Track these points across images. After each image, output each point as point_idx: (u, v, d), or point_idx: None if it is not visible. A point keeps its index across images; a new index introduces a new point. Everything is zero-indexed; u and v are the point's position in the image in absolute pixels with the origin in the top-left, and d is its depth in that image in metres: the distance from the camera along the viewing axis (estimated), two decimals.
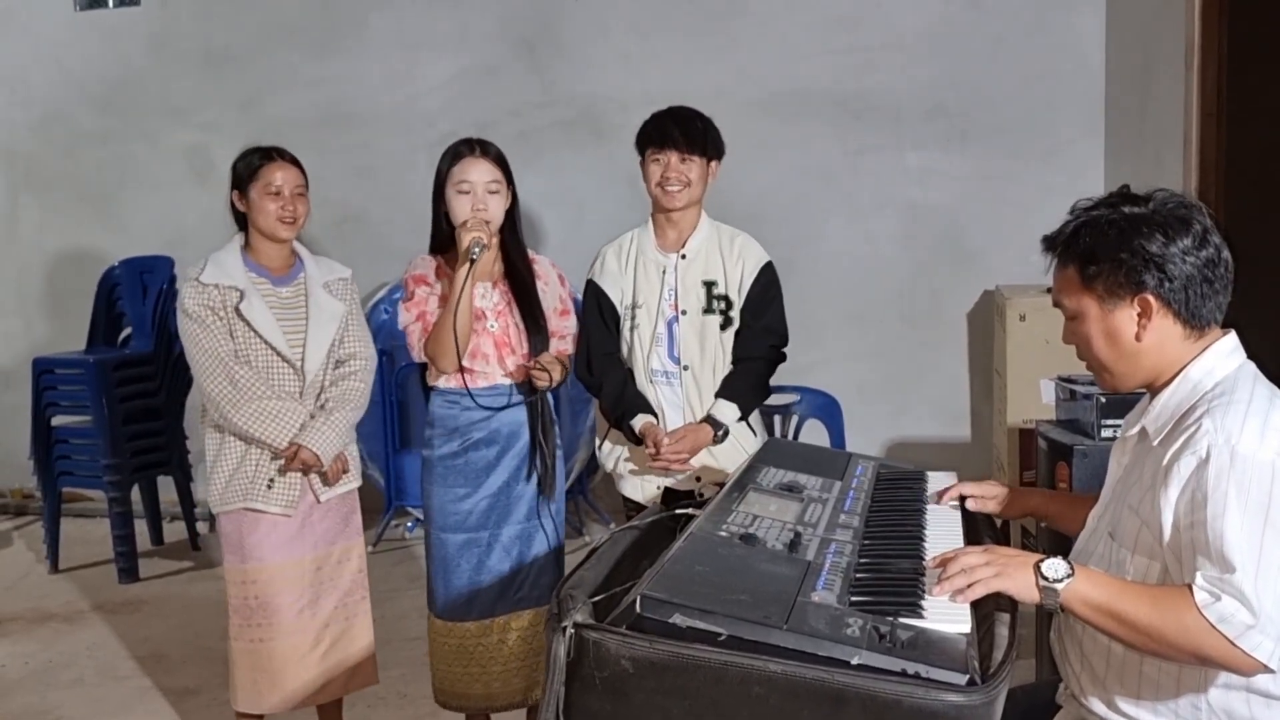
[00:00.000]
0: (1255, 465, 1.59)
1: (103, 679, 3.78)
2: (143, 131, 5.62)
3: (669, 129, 2.81)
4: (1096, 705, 1.77)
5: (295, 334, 2.88)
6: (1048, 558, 1.65)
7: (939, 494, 2.13)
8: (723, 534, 1.78)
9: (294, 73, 5.41)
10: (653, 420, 2.84)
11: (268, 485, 2.84)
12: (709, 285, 2.87)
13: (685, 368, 2.86)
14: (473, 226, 2.71)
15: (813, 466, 2.20)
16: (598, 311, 2.91)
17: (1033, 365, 4.07)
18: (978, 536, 2.05)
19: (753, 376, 2.88)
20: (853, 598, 1.59)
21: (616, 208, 4.53)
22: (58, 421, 4.89)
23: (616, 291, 2.91)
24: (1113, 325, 1.74)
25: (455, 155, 2.81)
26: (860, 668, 1.43)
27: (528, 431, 2.85)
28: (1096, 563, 1.78)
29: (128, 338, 5.04)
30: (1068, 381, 3.11)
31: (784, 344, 2.95)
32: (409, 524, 5.14)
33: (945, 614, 1.56)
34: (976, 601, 1.62)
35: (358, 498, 3.04)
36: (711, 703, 1.46)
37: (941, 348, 4.96)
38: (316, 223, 3.13)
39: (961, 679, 1.41)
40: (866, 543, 1.84)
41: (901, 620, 1.52)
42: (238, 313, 2.81)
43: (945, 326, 4.96)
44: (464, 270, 2.67)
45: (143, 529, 5.01)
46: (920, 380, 4.98)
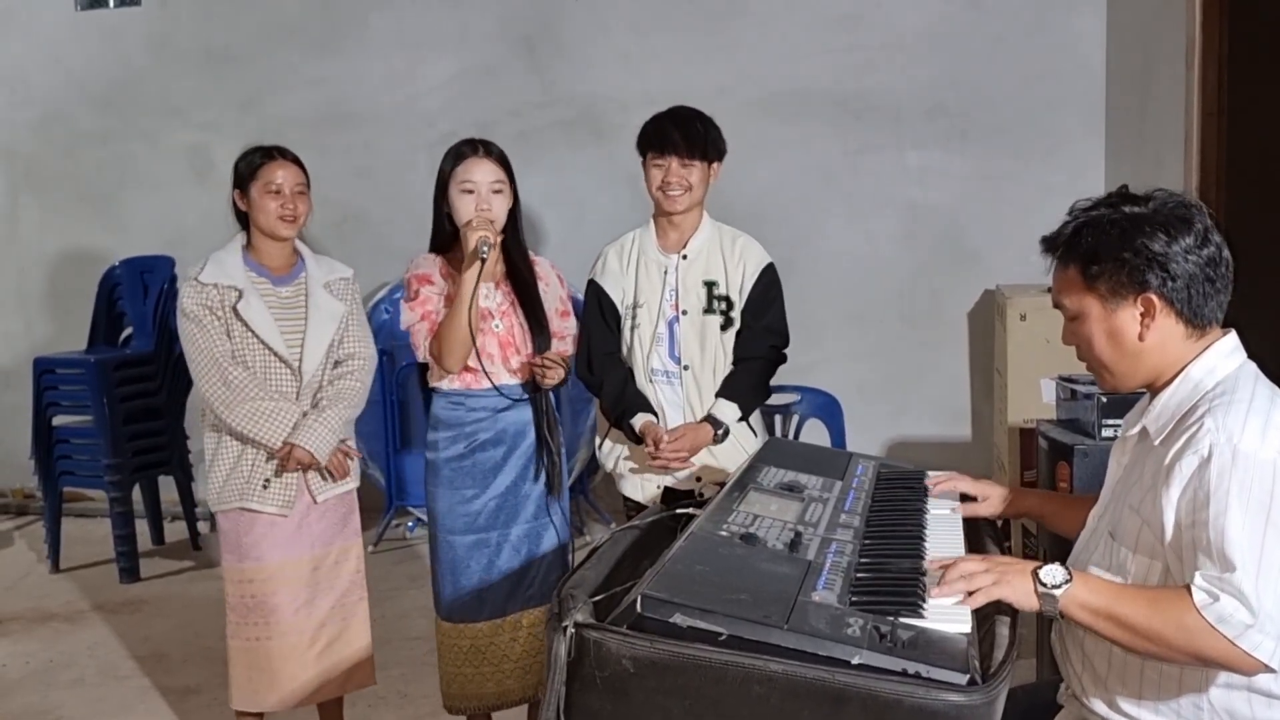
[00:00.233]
0: (1257, 464, 1.59)
1: (103, 679, 3.78)
2: (143, 131, 5.63)
3: (670, 133, 2.80)
4: (1098, 705, 1.77)
5: (293, 334, 2.88)
6: (1046, 564, 1.65)
7: (934, 482, 2.13)
8: (723, 534, 1.78)
9: (294, 72, 5.41)
10: (653, 419, 2.84)
11: (263, 485, 2.84)
12: (710, 285, 2.87)
13: (686, 367, 2.86)
14: (478, 225, 2.70)
15: (813, 466, 2.20)
16: (599, 311, 2.91)
17: (1033, 365, 4.07)
18: (978, 535, 2.06)
19: (753, 377, 2.88)
20: (853, 597, 1.59)
21: (616, 207, 4.54)
22: (59, 421, 4.89)
23: (618, 291, 2.91)
24: (1115, 325, 1.74)
25: (458, 155, 2.81)
26: (861, 667, 1.43)
27: (533, 430, 2.86)
28: (1097, 563, 1.78)
29: (128, 337, 5.04)
30: (1068, 381, 3.11)
31: (785, 344, 2.95)
32: (410, 523, 5.14)
33: (946, 614, 1.57)
34: None
35: (356, 498, 3.04)
36: (712, 702, 1.46)
37: (942, 347, 4.96)
38: (317, 222, 3.13)
39: (962, 679, 1.41)
40: (867, 542, 1.84)
41: (902, 620, 1.52)
42: (235, 312, 2.81)
43: (946, 326, 4.96)
44: (474, 270, 2.67)
45: (144, 529, 5.02)
46: (921, 380, 4.98)
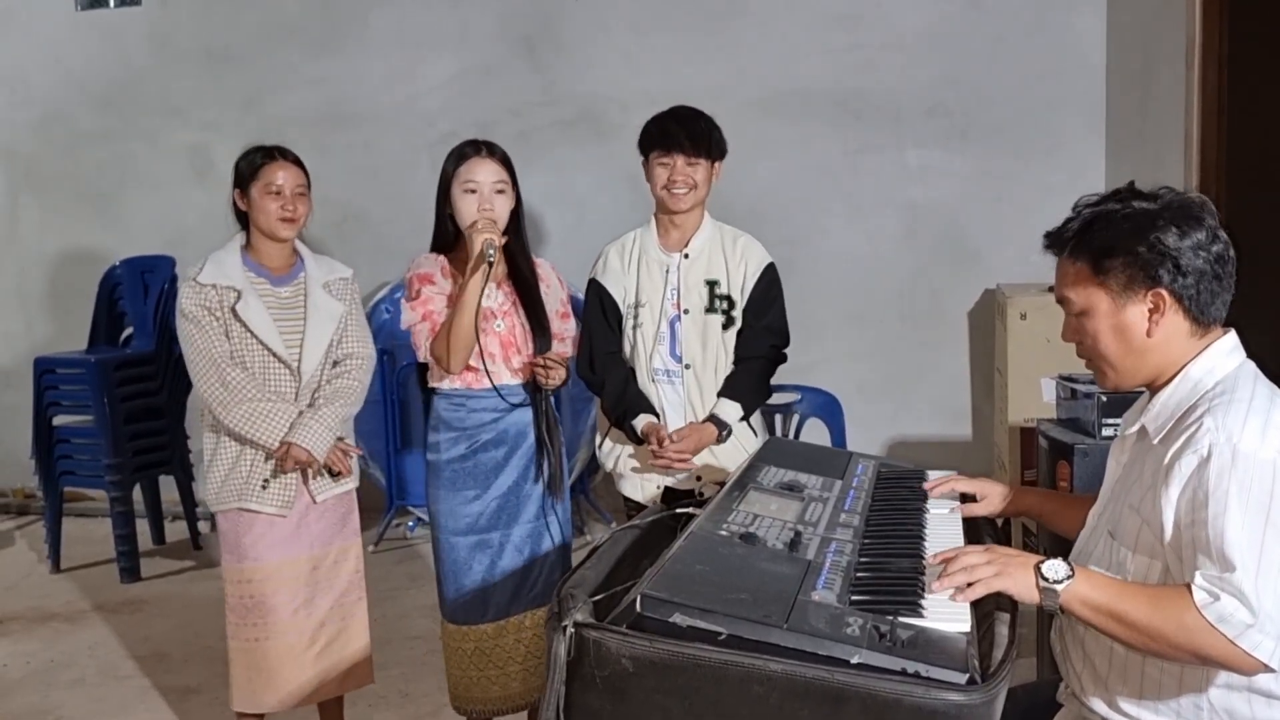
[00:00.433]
0: (1257, 464, 1.59)
1: (104, 678, 3.78)
2: (143, 131, 5.63)
3: (675, 132, 2.80)
4: (1097, 704, 1.77)
5: (292, 334, 2.88)
6: (1048, 559, 1.65)
7: (931, 485, 2.13)
8: (723, 533, 1.78)
9: (295, 72, 5.41)
10: (654, 420, 2.84)
11: (262, 486, 2.84)
12: (711, 285, 2.87)
13: (687, 366, 2.87)
14: (483, 228, 2.70)
15: (813, 465, 2.20)
16: (600, 310, 2.92)
17: (1033, 364, 4.08)
18: (977, 534, 2.06)
19: (754, 376, 2.89)
20: (853, 597, 1.59)
21: (617, 207, 4.54)
22: (59, 421, 4.89)
23: (619, 290, 2.91)
24: (1124, 320, 1.73)
25: (461, 156, 2.81)
26: (860, 667, 1.43)
27: (534, 431, 2.86)
28: (1096, 562, 1.78)
29: (129, 337, 5.04)
30: (1068, 380, 3.11)
31: (785, 344, 2.95)
32: (410, 523, 5.14)
33: (945, 613, 1.56)
34: (977, 600, 1.63)
35: (355, 498, 3.04)
36: (712, 702, 1.46)
37: (942, 347, 4.96)
38: (317, 222, 3.13)
39: (961, 678, 1.41)
40: (867, 542, 1.83)
41: (901, 619, 1.52)
42: (234, 313, 2.81)
43: (946, 325, 4.96)
44: (481, 273, 2.66)
45: (144, 528, 5.02)
46: (921, 379, 4.98)
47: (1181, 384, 1.73)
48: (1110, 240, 1.72)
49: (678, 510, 2.11)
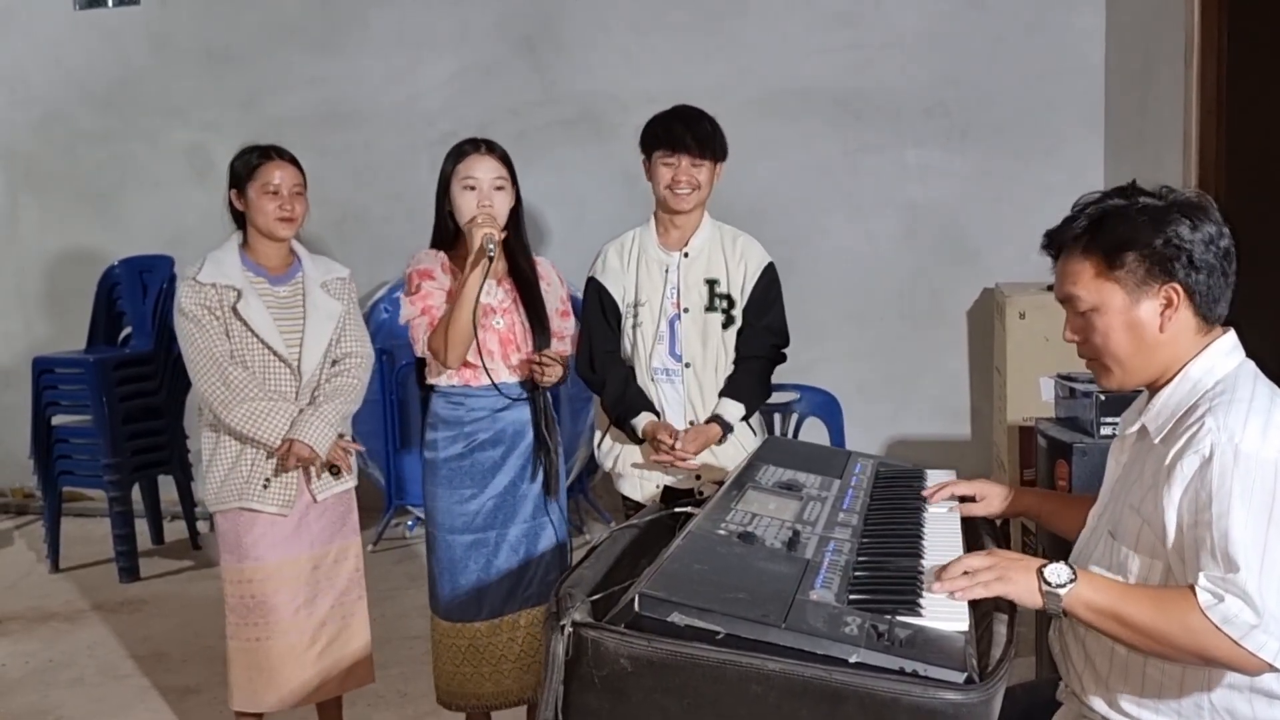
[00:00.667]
0: (1259, 464, 1.58)
1: (103, 678, 3.78)
2: (143, 131, 5.63)
3: (681, 133, 2.80)
4: (1098, 704, 1.77)
5: (292, 333, 2.88)
6: (1051, 562, 1.65)
7: (930, 492, 2.11)
8: (721, 532, 1.78)
9: (294, 72, 5.41)
10: (655, 419, 2.84)
11: (264, 485, 2.84)
12: (711, 284, 2.87)
13: (687, 365, 2.87)
14: (483, 222, 2.71)
15: (812, 465, 2.20)
16: (599, 309, 2.91)
17: (1033, 363, 4.08)
18: (977, 535, 2.05)
19: (755, 376, 2.89)
20: (851, 596, 1.59)
21: (617, 206, 4.53)
22: (58, 421, 4.89)
23: (619, 289, 2.91)
24: (1136, 316, 1.72)
25: (460, 153, 2.82)
26: (858, 666, 1.43)
27: (532, 430, 2.86)
28: (1097, 562, 1.77)
29: (128, 337, 5.04)
30: (1067, 379, 3.11)
31: (785, 344, 2.95)
32: (409, 522, 5.14)
33: (943, 612, 1.56)
34: (975, 600, 1.62)
35: (354, 497, 3.04)
36: (710, 701, 1.46)
37: (941, 346, 4.96)
38: (317, 222, 3.13)
39: (959, 677, 1.41)
40: (865, 541, 1.83)
41: (900, 618, 1.52)
42: (234, 312, 2.80)
43: (945, 324, 4.96)
44: (480, 268, 2.66)
45: (143, 528, 5.02)
46: (920, 378, 4.98)
47: (1181, 383, 1.73)
48: (1126, 235, 1.70)
49: (676, 509, 2.11)
